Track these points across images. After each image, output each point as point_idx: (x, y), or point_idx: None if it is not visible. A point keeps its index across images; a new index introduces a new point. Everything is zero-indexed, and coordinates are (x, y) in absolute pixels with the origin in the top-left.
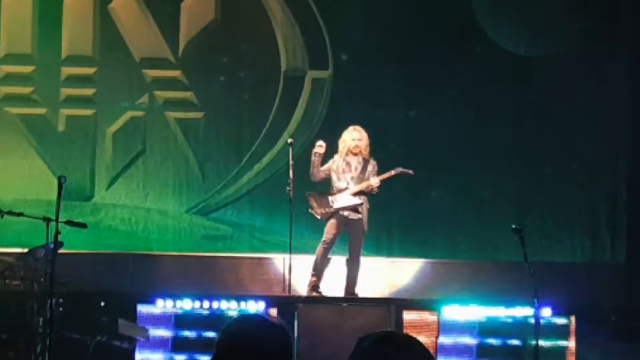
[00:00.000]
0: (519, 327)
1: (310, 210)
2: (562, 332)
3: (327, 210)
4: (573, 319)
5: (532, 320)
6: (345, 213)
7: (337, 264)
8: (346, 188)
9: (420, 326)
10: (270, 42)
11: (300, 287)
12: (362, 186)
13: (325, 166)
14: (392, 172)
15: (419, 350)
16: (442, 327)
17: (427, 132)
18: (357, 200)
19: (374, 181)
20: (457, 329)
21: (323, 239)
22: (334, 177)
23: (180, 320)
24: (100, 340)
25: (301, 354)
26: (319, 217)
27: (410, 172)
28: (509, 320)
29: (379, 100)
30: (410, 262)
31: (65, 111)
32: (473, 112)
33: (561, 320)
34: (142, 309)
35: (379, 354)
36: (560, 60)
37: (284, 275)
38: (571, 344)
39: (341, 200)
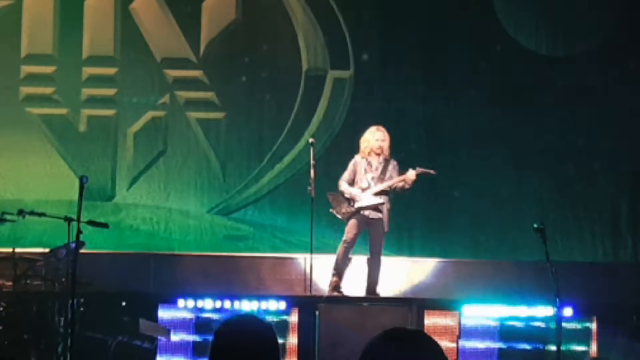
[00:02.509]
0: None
1: (331, 210)
2: (583, 332)
3: (348, 210)
4: (595, 319)
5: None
6: (366, 212)
7: (358, 264)
8: (367, 187)
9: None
10: (291, 42)
11: (322, 286)
12: (399, 179)
13: (349, 171)
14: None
15: (427, 346)
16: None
17: (448, 131)
18: (378, 200)
19: (411, 173)
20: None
21: (344, 238)
22: (355, 177)
23: (200, 325)
24: (122, 340)
25: (322, 353)
26: (340, 217)
27: (432, 172)
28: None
29: (400, 100)
30: (432, 262)
31: (87, 111)
32: (494, 112)
33: (583, 320)
34: (164, 314)
35: (385, 351)
36: (581, 59)
37: (305, 275)
38: (593, 344)
39: (363, 199)
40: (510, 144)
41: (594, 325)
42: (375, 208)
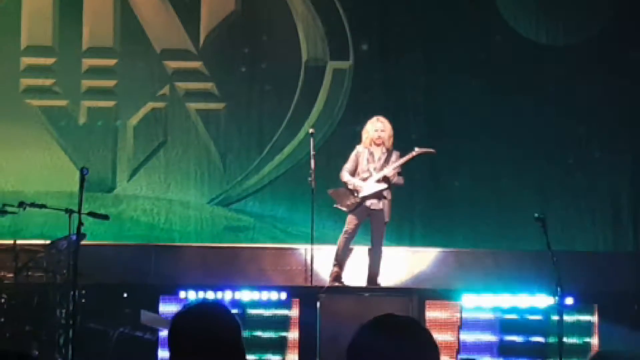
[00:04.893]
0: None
1: (335, 206)
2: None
3: (353, 201)
4: (596, 307)
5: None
6: (367, 203)
7: (359, 254)
8: (369, 177)
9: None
10: (291, 33)
11: (323, 277)
12: (384, 173)
13: (351, 162)
14: (413, 153)
15: (417, 333)
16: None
17: (448, 122)
18: (382, 186)
19: (387, 171)
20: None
21: (344, 229)
22: (357, 167)
23: None
24: (123, 332)
25: (323, 343)
26: (345, 209)
27: (432, 150)
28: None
29: (400, 90)
30: (432, 252)
31: (87, 103)
32: (494, 101)
33: (585, 312)
34: (164, 308)
35: (375, 339)
36: (581, 48)
37: (306, 265)
38: (594, 334)
39: (366, 188)
40: (510, 134)
41: (595, 317)
42: (377, 197)
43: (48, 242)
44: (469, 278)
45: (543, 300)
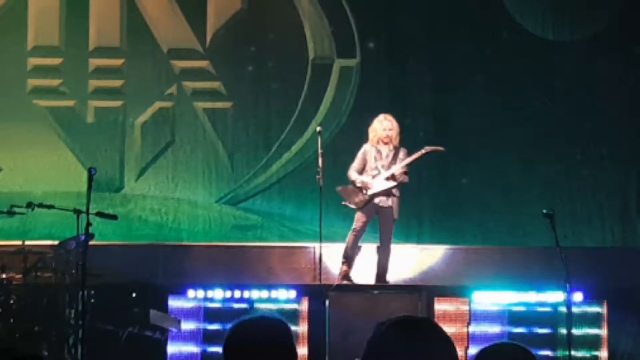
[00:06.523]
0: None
1: (344, 203)
2: (594, 317)
3: (362, 199)
4: (605, 303)
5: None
6: (376, 200)
7: (368, 252)
8: (377, 175)
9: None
10: (297, 31)
11: (331, 275)
12: (393, 170)
13: (358, 160)
14: (423, 151)
15: (435, 334)
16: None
17: (455, 119)
18: (391, 183)
19: (396, 168)
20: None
21: (353, 227)
22: (365, 165)
23: (209, 314)
24: (132, 331)
25: (332, 341)
26: (354, 206)
27: (441, 148)
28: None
29: (407, 88)
30: (440, 249)
31: (94, 103)
32: (501, 98)
33: (593, 306)
34: (173, 303)
35: (393, 339)
36: (587, 43)
37: (314, 263)
38: (603, 329)
39: (375, 185)
40: (517, 130)
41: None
42: (386, 195)
43: (56, 242)
44: (478, 275)
45: (552, 297)
